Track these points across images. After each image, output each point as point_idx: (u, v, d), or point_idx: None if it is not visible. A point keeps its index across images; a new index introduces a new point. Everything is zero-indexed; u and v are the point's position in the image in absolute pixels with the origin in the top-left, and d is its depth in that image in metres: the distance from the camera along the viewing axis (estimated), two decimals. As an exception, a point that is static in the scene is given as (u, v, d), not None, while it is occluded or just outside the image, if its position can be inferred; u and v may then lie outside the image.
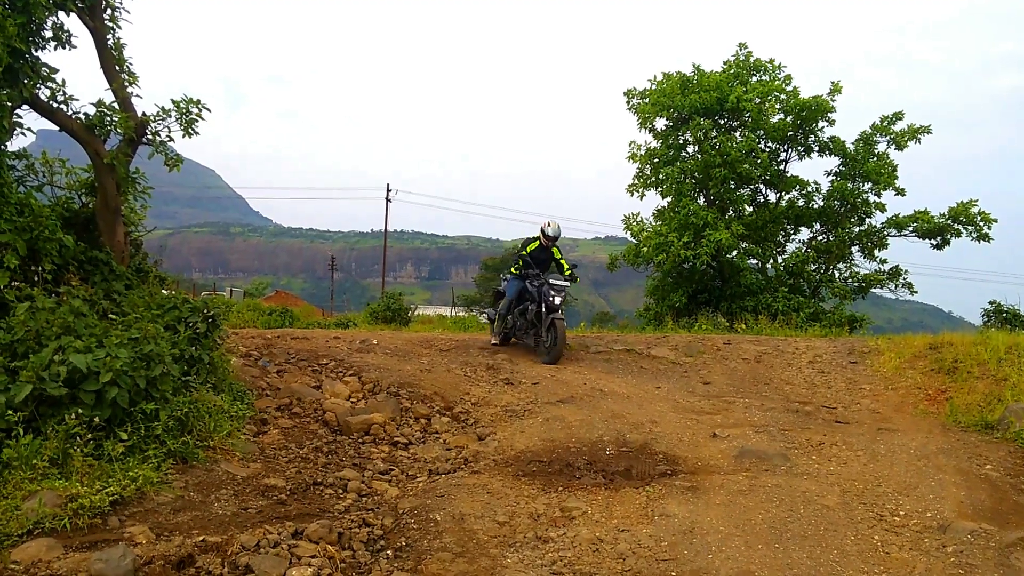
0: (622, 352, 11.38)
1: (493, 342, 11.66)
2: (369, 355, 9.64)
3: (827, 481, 6.01)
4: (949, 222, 20.10)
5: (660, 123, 21.83)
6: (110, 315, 6.52)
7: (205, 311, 7.08)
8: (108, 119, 7.88)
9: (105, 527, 4.40)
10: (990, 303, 16.96)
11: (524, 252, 11.58)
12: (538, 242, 11.63)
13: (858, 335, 15.48)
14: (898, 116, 20.91)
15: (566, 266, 11.66)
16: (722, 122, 21.39)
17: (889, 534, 5.12)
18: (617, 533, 5.12)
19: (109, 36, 7.94)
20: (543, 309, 10.92)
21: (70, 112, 7.80)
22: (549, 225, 11.60)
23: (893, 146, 20.86)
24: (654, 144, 22.10)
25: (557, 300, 10.78)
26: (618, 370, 10.50)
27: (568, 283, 11.20)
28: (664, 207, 22.07)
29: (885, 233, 21.26)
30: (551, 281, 10.95)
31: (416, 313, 22.51)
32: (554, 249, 11.70)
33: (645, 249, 20.33)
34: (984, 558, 4.74)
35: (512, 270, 11.79)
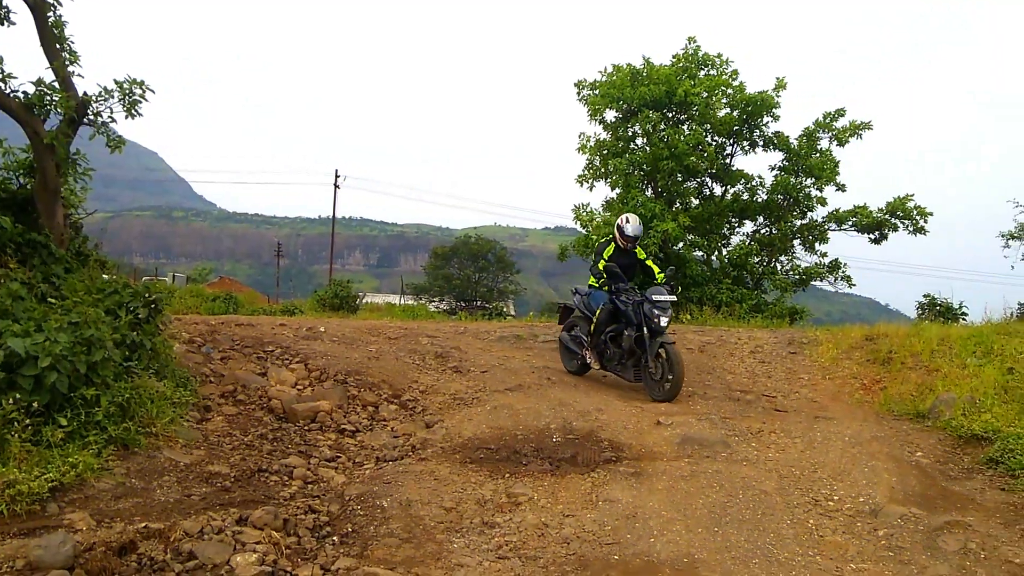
0: (570, 341, 11.46)
1: (570, 370, 9.59)
2: (316, 342, 9.57)
3: (765, 467, 6.20)
4: (887, 216, 20.69)
5: (610, 115, 22.03)
6: (49, 299, 6.38)
7: (147, 296, 6.96)
8: (48, 98, 7.67)
9: (44, 514, 4.33)
10: (924, 296, 17.46)
11: (603, 262, 9.16)
12: (614, 245, 9.39)
13: (798, 326, 15.84)
14: (840, 113, 21.35)
15: (657, 270, 9.50)
16: (670, 115, 21.64)
17: (823, 518, 5.31)
18: (562, 518, 5.22)
19: (50, 13, 7.72)
20: (645, 333, 8.61)
21: (8, 91, 7.58)
22: (628, 222, 9.33)
23: (835, 142, 21.34)
24: (604, 136, 22.29)
25: (663, 321, 8.57)
26: (565, 359, 10.58)
27: (674, 298, 8.96)
28: (613, 198, 22.28)
29: (826, 227, 21.81)
30: (654, 298, 8.64)
31: (364, 301, 22.39)
32: (637, 250, 9.57)
33: (595, 238, 20.49)
34: (913, 541, 4.95)
35: (591, 281, 9.54)
